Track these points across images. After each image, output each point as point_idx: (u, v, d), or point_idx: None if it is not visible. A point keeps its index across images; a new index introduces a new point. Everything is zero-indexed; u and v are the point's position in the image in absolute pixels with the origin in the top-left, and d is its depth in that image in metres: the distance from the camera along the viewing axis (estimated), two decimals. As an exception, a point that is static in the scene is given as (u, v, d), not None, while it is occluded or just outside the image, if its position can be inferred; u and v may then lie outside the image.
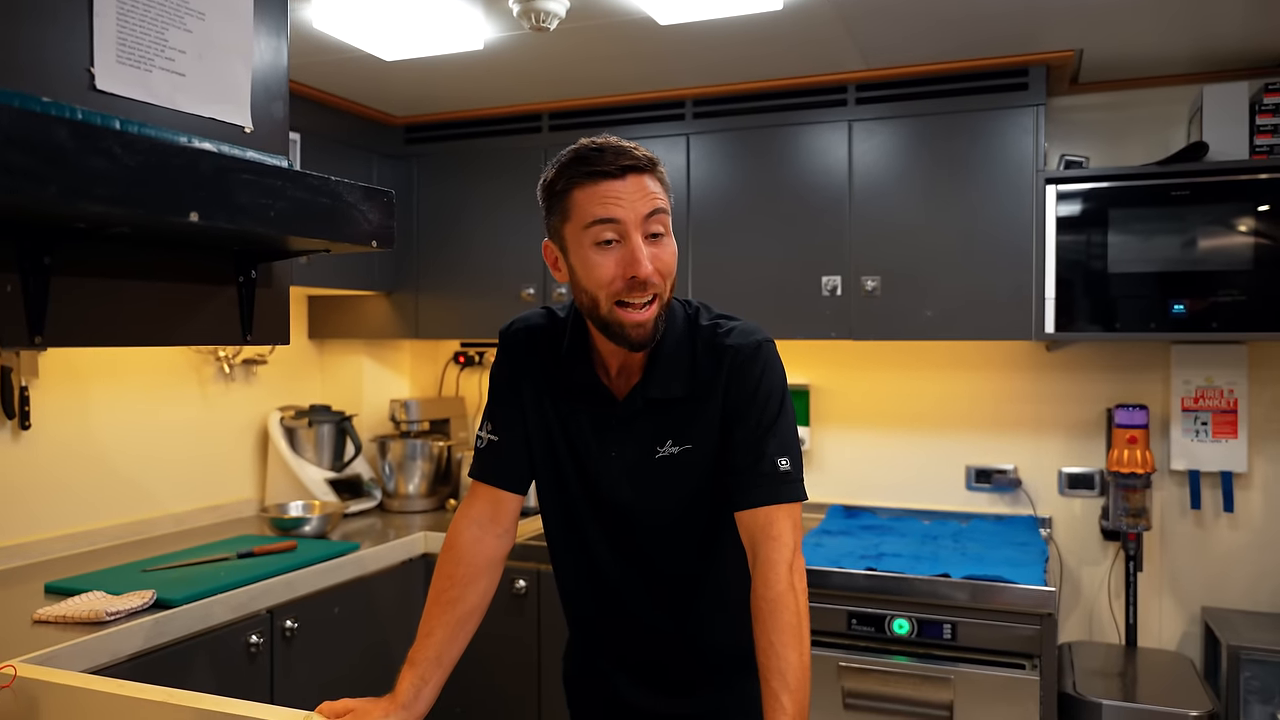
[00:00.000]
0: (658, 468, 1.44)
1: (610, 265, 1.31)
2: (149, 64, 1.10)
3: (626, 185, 1.31)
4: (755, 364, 1.41)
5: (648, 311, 1.33)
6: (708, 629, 1.52)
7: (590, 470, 1.48)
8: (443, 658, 1.47)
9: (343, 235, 1.15)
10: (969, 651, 2.29)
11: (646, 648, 1.55)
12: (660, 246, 1.34)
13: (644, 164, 1.33)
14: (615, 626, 1.56)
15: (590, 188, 1.31)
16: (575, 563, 1.56)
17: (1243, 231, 2.39)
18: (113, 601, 1.98)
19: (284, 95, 1.36)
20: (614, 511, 1.48)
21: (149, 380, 2.80)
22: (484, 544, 1.53)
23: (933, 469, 3.03)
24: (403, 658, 1.47)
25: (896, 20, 2.31)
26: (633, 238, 1.30)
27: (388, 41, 2.41)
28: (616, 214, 1.30)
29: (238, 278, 1.26)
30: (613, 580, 1.52)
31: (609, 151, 1.32)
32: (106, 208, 0.83)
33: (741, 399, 1.40)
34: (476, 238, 3.19)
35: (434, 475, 3.30)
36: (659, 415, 1.43)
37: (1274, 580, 2.69)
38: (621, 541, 1.50)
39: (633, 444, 1.45)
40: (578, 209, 1.33)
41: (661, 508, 1.46)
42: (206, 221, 0.93)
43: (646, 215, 1.32)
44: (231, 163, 0.96)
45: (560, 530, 1.56)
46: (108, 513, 2.67)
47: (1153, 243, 2.46)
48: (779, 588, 1.30)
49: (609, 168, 1.31)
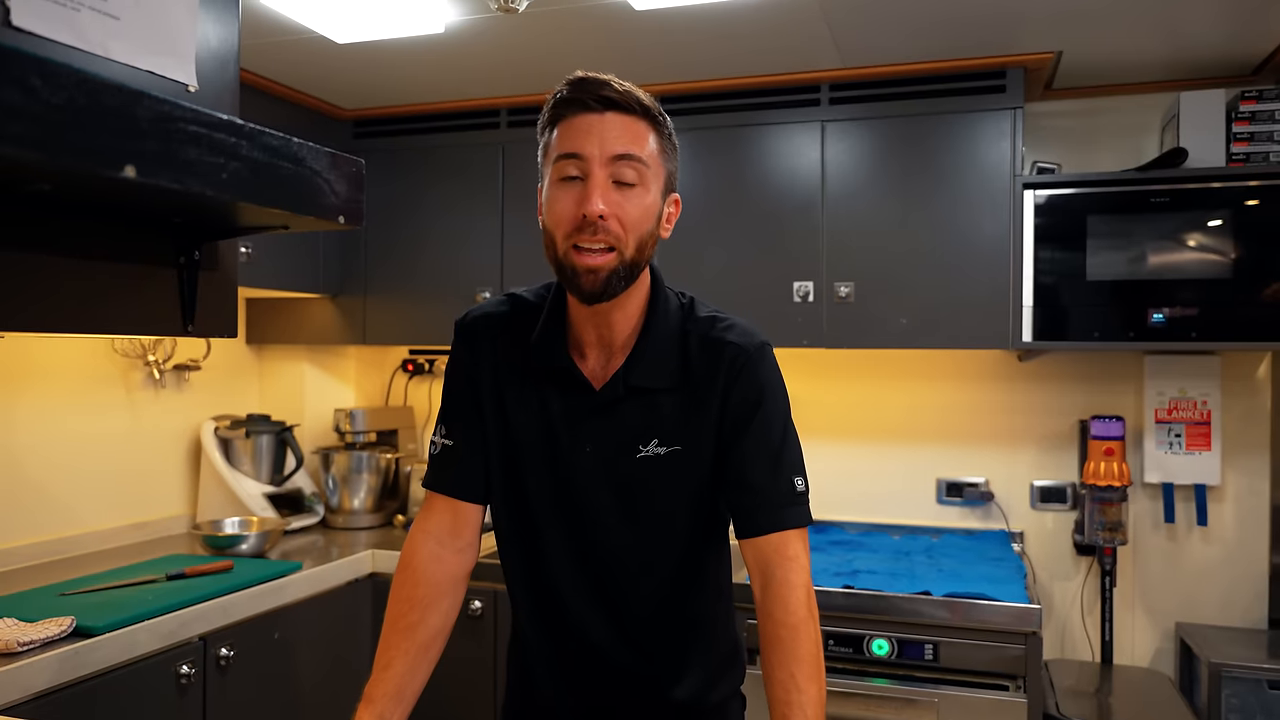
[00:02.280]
0: (640, 469, 1.28)
1: (568, 202, 1.20)
2: (76, 2, 0.92)
3: (603, 121, 1.20)
4: (762, 368, 1.29)
5: (600, 259, 1.19)
6: (679, 675, 1.35)
7: (560, 470, 1.31)
8: (404, 692, 1.31)
9: (306, 207, 0.98)
10: (952, 673, 2.19)
11: (601, 688, 1.37)
12: (625, 196, 1.21)
13: (627, 103, 1.21)
14: (568, 659, 1.38)
15: (568, 120, 1.22)
16: (529, 584, 1.38)
17: (1220, 240, 2.36)
18: (25, 630, 1.77)
19: (234, 55, 1.19)
20: (583, 522, 1.31)
21: (70, 385, 2.57)
22: (444, 561, 1.37)
23: (903, 482, 2.95)
24: (350, 686, 1.31)
25: (879, 16, 2.23)
26: (594, 174, 1.19)
27: (341, 22, 2.25)
28: (581, 149, 1.19)
29: (178, 258, 1.09)
30: (574, 609, 1.34)
31: (591, 83, 1.21)
32: (19, 151, 0.65)
33: (747, 406, 1.27)
34: (430, 238, 3.03)
35: (381, 489, 3.11)
36: (643, 408, 1.29)
37: (1247, 595, 2.66)
38: (588, 561, 1.33)
39: (611, 439, 1.29)
40: (553, 143, 1.24)
41: (641, 518, 1.30)
42: (146, 178, 0.76)
43: (615, 156, 1.19)
44: (177, 109, 0.79)
45: (516, 549, 1.38)
46: (21, 530, 2.44)
47: (1132, 250, 2.42)
48: (800, 614, 1.18)
49: (587, 99, 1.20)
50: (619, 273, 1.21)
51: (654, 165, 1.24)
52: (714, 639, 1.39)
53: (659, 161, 1.25)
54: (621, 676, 1.36)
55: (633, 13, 2.19)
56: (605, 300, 1.23)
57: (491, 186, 2.97)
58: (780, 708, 1.14)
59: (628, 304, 1.29)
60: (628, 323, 1.30)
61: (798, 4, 2.16)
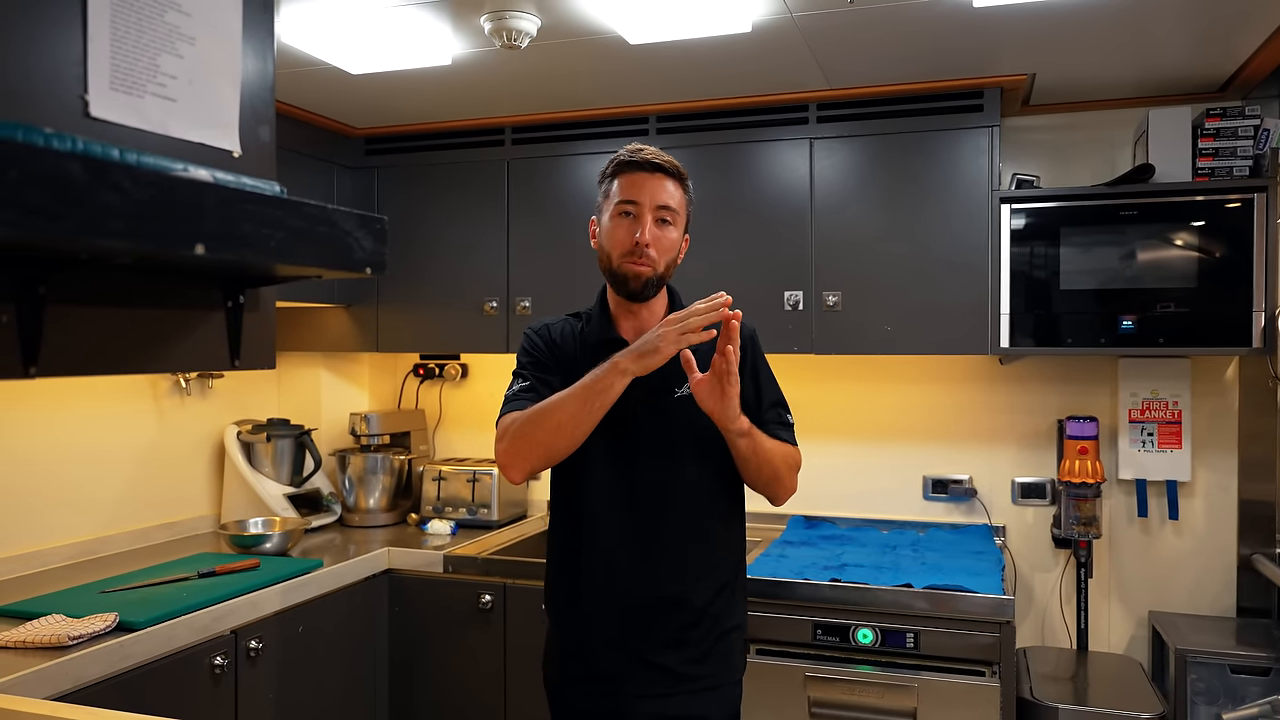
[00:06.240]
0: (676, 406, 1.77)
1: (623, 231, 1.76)
2: (141, 90, 1.09)
3: (652, 179, 1.76)
4: (756, 341, 1.90)
5: (643, 268, 1.75)
6: (680, 585, 1.76)
7: (613, 416, 1.67)
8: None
9: (339, 263, 1.15)
10: (931, 660, 2.34)
11: (625, 594, 1.76)
12: (662, 231, 1.77)
13: (670, 170, 1.78)
14: (595, 566, 1.78)
15: (628, 176, 1.77)
16: (570, 511, 1.82)
17: (1186, 250, 2.49)
18: (74, 625, 1.93)
19: (270, 119, 1.35)
20: (624, 449, 1.76)
21: (102, 395, 2.74)
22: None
23: (891, 479, 3.10)
24: (370, 675, 1.47)
25: (860, 44, 2.37)
26: (644, 217, 1.75)
27: (354, 55, 2.40)
28: (637, 198, 1.75)
29: (226, 303, 1.24)
30: (605, 525, 1.78)
31: (645, 152, 1.77)
32: (117, 242, 0.82)
33: (748, 365, 1.80)
34: (438, 250, 3.18)
35: (395, 489, 3.27)
36: (671, 363, 1.66)
37: (1216, 585, 2.80)
38: (624, 476, 1.77)
39: (653, 386, 1.72)
40: (615, 190, 1.78)
41: (674, 443, 1.77)
42: (212, 254, 0.92)
43: (658, 205, 1.76)
44: (234, 194, 0.96)
45: (562, 482, 1.84)
46: (60, 532, 2.60)
47: (1103, 261, 2.55)
48: (791, 450, 1.85)
49: (644, 164, 1.76)
50: (653, 281, 1.78)
51: (681, 212, 1.81)
52: (717, 560, 1.82)
53: (684, 208, 1.83)
54: (634, 584, 1.77)
55: (628, 47, 2.33)
56: (642, 300, 1.80)
57: (497, 200, 3.11)
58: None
59: (655, 304, 1.85)
60: (654, 318, 1.82)
61: (781, 36, 2.29)
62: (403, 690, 2.78)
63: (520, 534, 3.12)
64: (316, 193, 3.09)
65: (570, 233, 3.00)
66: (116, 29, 1.07)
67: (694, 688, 1.76)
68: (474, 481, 3.21)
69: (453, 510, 3.21)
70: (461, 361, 3.56)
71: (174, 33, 1.10)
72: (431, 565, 2.79)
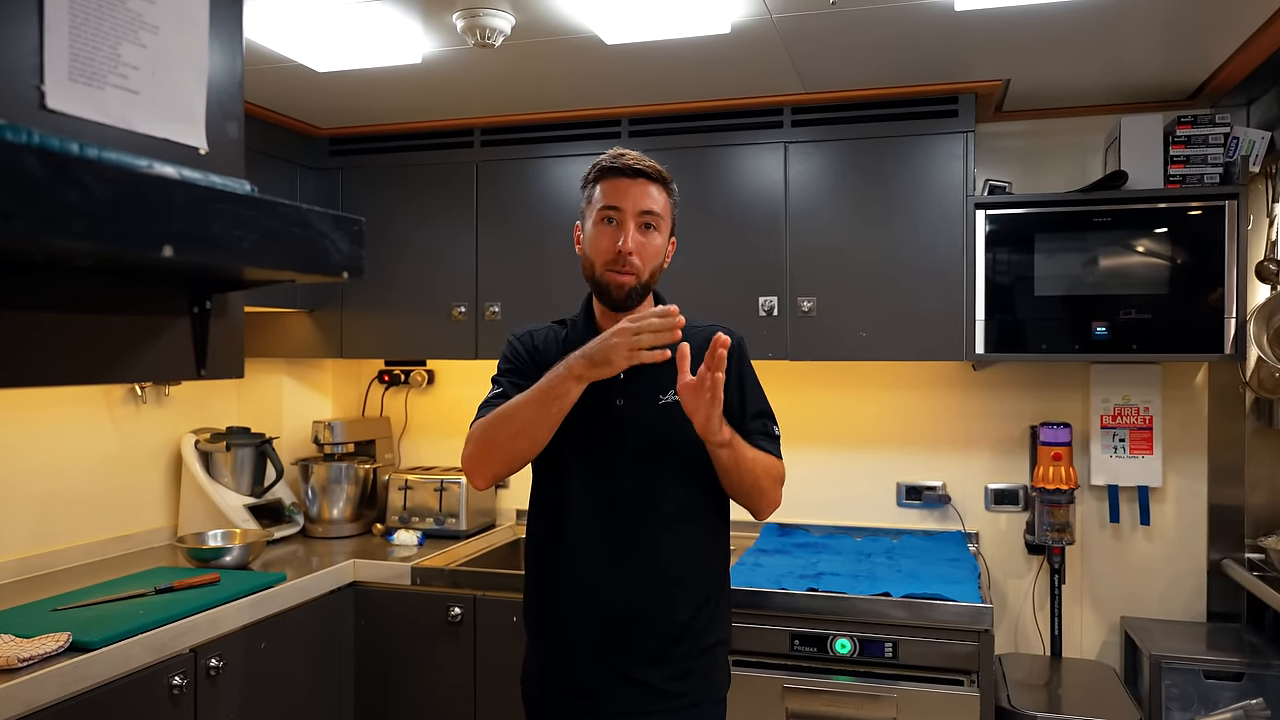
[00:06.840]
0: (661, 413, 1.71)
1: (606, 238, 1.70)
2: (102, 81, 1.02)
3: (634, 185, 1.70)
4: (744, 350, 1.83)
5: (626, 278, 1.69)
6: (662, 599, 1.71)
7: (589, 418, 1.66)
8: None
9: (315, 267, 1.08)
10: (910, 669, 2.32)
11: (605, 606, 1.71)
12: (646, 236, 1.71)
13: (652, 174, 1.72)
14: (576, 579, 1.73)
15: (610, 182, 1.71)
16: (549, 523, 1.76)
17: (1158, 257, 2.51)
18: (24, 646, 1.84)
19: (239, 115, 1.28)
20: (602, 458, 1.71)
21: (54, 403, 2.63)
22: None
23: (864, 486, 3.08)
24: (336, 693, 1.41)
25: (838, 47, 2.35)
26: (627, 224, 1.69)
27: (321, 52, 2.32)
28: (619, 204, 1.69)
29: (192, 309, 1.17)
30: (580, 534, 1.72)
31: (627, 157, 1.72)
32: (79, 243, 0.75)
33: (733, 374, 1.72)
34: (405, 253, 3.11)
35: (359, 499, 3.19)
36: (656, 370, 1.65)
37: (1187, 590, 2.81)
38: (603, 490, 1.71)
39: (636, 393, 1.71)
40: (597, 195, 1.72)
41: (658, 453, 1.71)
42: (181, 257, 0.85)
43: (641, 211, 1.70)
44: (204, 193, 0.89)
45: (541, 494, 1.79)
46: (8, 545, 2.49)
47: (1075, 267, 2.56)
48: (776, 462, 1.80)
49: (625, 169, 1.70)
50: (636, 289, 1.71)
51: (665, 216, 1.75)
52: (705, 572, 1.77)
53: (668, 212, 1.76)
54: (623, 598, 1.71)
55: (603, 47, 2.28)
56: (625, 309, 1.70)
57: (466, 203, 3.05)
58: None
59: (640, 311, 1.69)
60: None
61: (759, 37, 2.26)
62: (371, 707, 2.70)
63: (489, 544, 3.05)
64: (279, 194, 3.00)
65: (541, 236, 2.94)
66: (75, 15, 1.00)
67: (674, 705, 1.71)
68: (441, 491, 3.14)
69: (420, 520, 3.14)
70: (428, 368, 3.48)
71: (136, 20, 1.03)
72: (399, 577, 2.71)
